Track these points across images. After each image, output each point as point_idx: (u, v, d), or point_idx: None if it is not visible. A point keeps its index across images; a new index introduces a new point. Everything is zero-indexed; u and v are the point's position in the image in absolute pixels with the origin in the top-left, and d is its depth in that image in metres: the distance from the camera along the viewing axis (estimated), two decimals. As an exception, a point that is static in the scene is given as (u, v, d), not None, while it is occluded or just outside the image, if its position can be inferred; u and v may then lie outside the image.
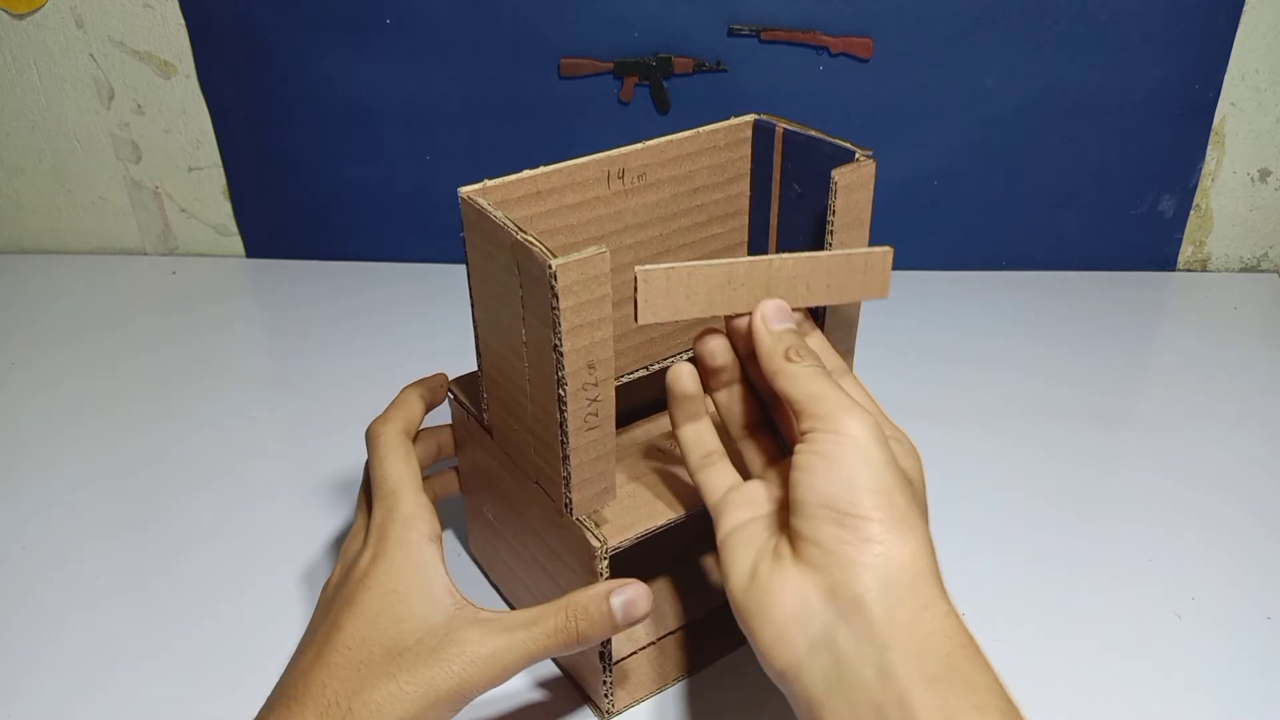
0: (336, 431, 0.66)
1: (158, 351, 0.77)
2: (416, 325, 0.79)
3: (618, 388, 0.52)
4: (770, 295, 0.41)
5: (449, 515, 0.59)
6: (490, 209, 0.40)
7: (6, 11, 0.81)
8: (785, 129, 0.48)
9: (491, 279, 0.42)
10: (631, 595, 0.41)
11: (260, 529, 0.59)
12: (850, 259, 0.42)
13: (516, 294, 0.40)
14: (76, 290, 0.86)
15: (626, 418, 0.59)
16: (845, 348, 0.49)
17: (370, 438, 0.47)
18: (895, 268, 0.44)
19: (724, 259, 0.40)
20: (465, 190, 0.42)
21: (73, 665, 0.50)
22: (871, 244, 0.47)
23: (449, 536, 0.58)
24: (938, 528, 0.59)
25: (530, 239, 0.38)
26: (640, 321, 0.39)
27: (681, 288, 0.40)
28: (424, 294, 0.83)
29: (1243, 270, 0.86)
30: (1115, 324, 0.78)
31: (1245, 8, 0.75)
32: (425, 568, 0.42)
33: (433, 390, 0.51)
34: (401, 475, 0.45)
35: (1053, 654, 0.50)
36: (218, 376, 0.73)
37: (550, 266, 0.36)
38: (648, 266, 0.38)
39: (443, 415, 0.52)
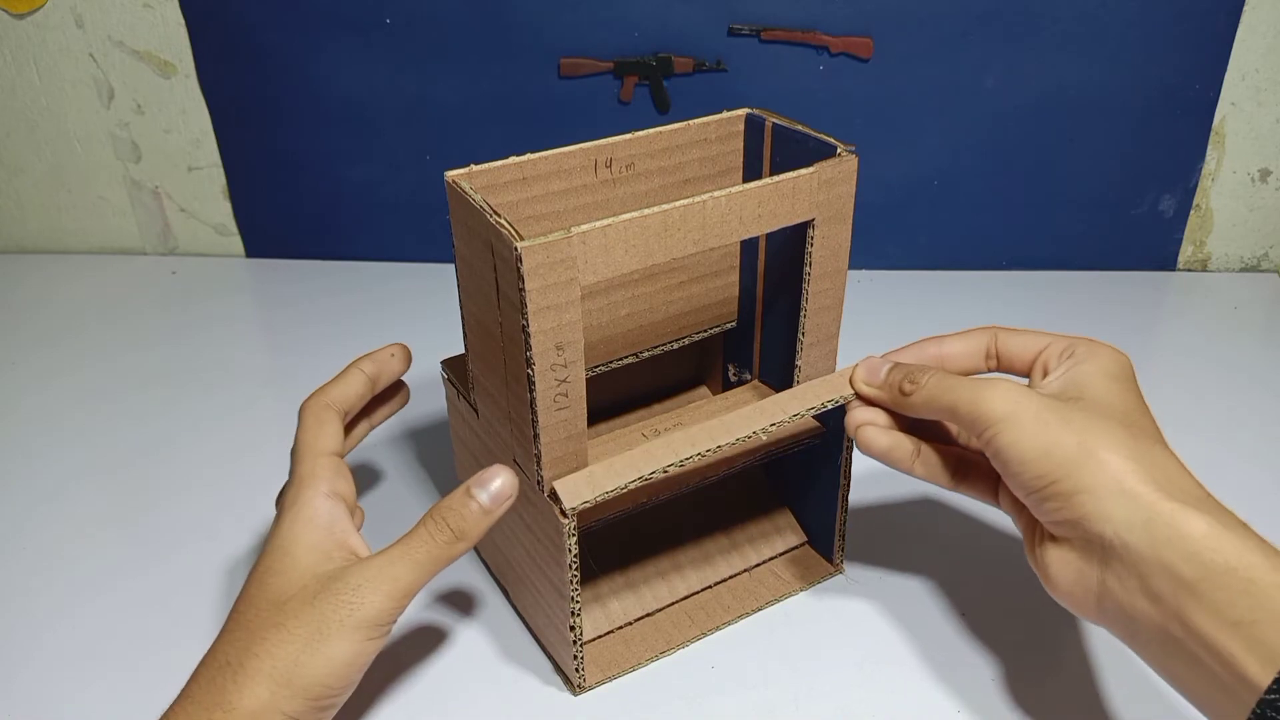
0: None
1: (157, 351, 0.77)
2: (416, 325, 0.79)
3: (610, 374, 0.53)
4: (706, 234, 0.42)
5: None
6: (470, 192, 0.41)
7: (6, 11, 0.81)
8: (774, 123, 0.49)
9: (472, 261, 0.43)
10: (491, 484, 0.42)
11: (259, 527, 0.59)
12: (778, 185, 0.43)
13: (492, 276, 0.41)
14: (76, 290, 0.86)
15: (623, 406, 0.59)
16: (828, 332, 0.49)
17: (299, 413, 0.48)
18: (896, 268, 0.44)
19: (657, 206, 0.40)
20: (451, 174, 0.43)
21: (70, 662, 0.50)
22: (856, 243, 0.48)
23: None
24: (937, 528, 0.59)
25: (502, 222, 0.39)
26: (584, 282, 0.40)
27: (619, 243, 0.40)
28: (423, 294, 0.83)
29: (1243, 270, 0.86)
30: (1115, 324, 0.78)
31: (1245, 8, 0.75)
32: (316, 522, 0.43)
33: (376, 363, 0.51)
34: (304, 442, 0.46)
35: (1053, 654, 0.50)
36: (217, 376, 0.73)
37: (516, 249, 0.37)
38: (583, 226, 0.39)
39: (436, 398, 0.52)
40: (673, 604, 0.52)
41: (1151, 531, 0.35)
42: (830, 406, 0.47)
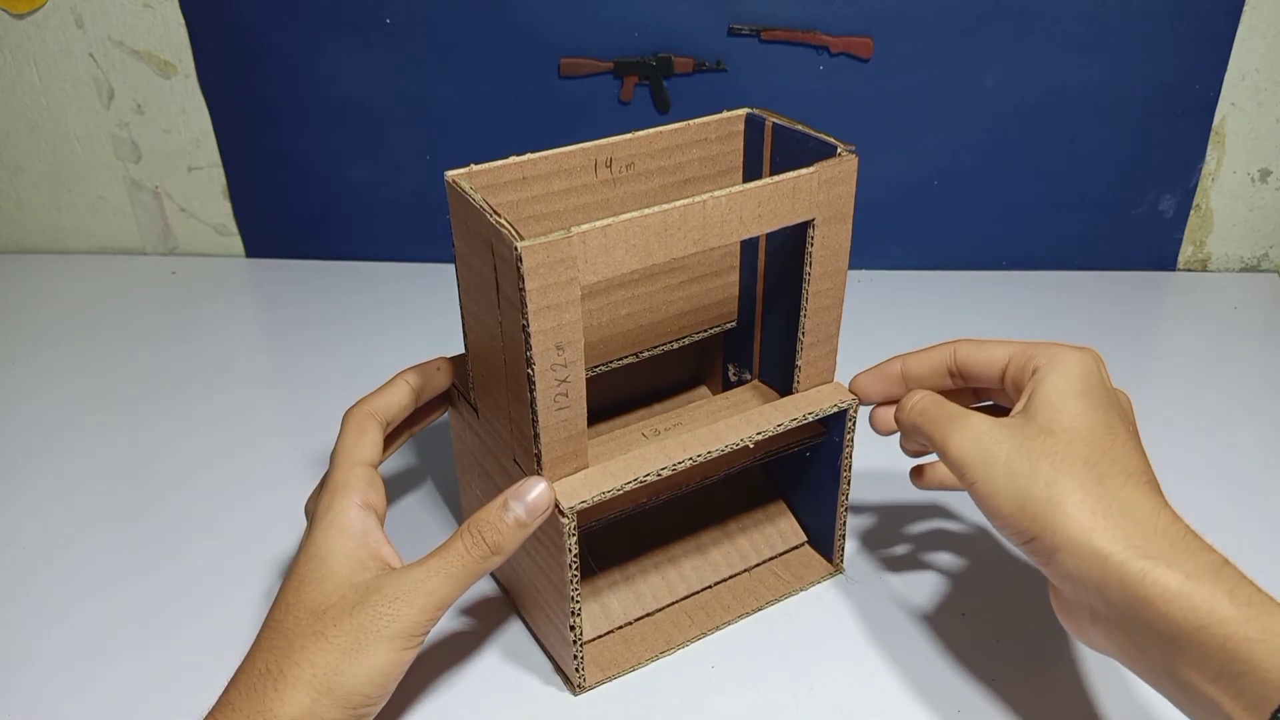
0: (335, 431, 0.66)
1: (157, 351, 0.77)
2: (416, 325, 0.79)
3: (610, 374, 0.53)
4: (706, 234, 0.42)
5: (450, 495, 0.60)
6: (470, 192, 0.41)
7: (6, 11, 0.81)
8: (774, 123, 0.49)
9: (472, 261, 0.43)
10: (527, 496, 0.42)
11: (259, 528, 0.59)
12: (778, 185, 0.43)
13: (492, 276, 0.41)
14: (76, 290, 0.86)
15: (623, 406, 0.59)
16: (829, 332, 0.49)
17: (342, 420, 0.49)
18: (896, 268, 0.45)
19: (658, 205, 0.41)
20: (451, 174, 0.43)
21: (72, 663, 0.50)
22: (856, 243, 0.48)
23: (447, 515, 0.59)
24: (937, 527, 0.59)
25: (502, 221, 0.39)
26: (584, 281, 0.40)
27: (620, 242, 0.40)
28: (424, 294, 0.83)
29: (1243, 270, 0.86)
30: (1115, 324, 0.78)
31: (1245, 8, 0.75)
32: (350, 531, 0.43)
33: (422, 375, 0.50)
34: (342, 450, 0.46)
35: (1052, 655, 0.50)
36: (217, 376, 0.73)
37: (516, 249, 0.37)
38: (583, 226, 0.39)
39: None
40: (673, 603, 0.52)
41: (1127, 594, 0.36)
42: (830, 412, 0.48)
